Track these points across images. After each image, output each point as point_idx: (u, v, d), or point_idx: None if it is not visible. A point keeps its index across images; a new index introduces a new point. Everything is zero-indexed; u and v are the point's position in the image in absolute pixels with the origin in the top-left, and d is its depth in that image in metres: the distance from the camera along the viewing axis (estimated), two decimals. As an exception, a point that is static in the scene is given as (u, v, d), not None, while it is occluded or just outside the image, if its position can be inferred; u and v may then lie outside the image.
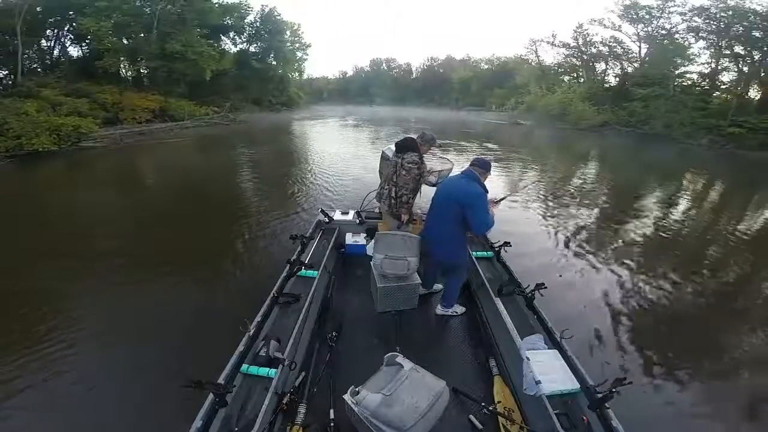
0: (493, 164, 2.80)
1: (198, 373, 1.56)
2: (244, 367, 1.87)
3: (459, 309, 2.98)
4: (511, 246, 3.16)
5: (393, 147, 3.16)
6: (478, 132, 24.29)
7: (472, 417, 1.99)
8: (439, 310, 2.96)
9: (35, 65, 22.08)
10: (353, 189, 8.38)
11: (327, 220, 3.81)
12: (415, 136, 3.15)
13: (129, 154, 14.04)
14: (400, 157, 2.97)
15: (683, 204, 8.92)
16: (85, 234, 5.81)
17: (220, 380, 1.70)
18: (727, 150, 19.07)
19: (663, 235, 6.59)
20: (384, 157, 3.52)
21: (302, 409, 1.91)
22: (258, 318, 2.16)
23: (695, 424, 2.66)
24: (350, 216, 3.96)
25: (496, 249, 3.20)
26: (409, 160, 2.92)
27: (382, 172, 3.49)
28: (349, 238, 3.83)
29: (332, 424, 1.87)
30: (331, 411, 1.93)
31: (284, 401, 1.88)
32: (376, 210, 3.86)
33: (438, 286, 3.21)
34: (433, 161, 3.40)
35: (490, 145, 17.77)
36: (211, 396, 1.60)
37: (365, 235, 3.85)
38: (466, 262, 2.95)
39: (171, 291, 4.17)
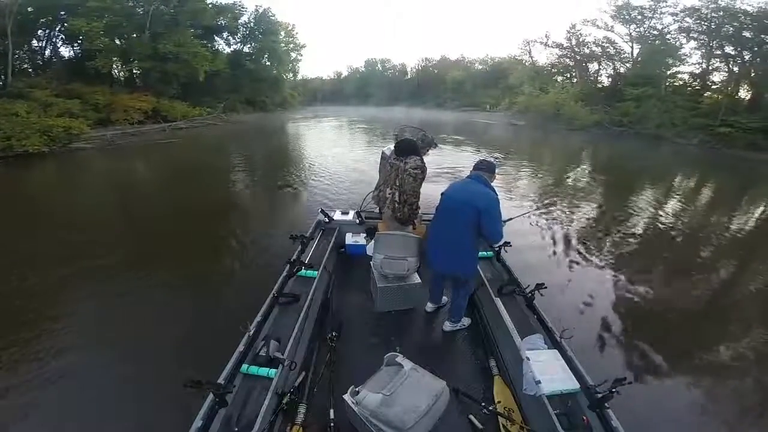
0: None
1: (198, 373, 1.56)
2: (244, 367, 1.87)
3: (466, 321, 2.80)
4: (511, 245, 3.16)
5: (392, 147, 3.14)
6: (452, 130, 24.23)
7: (472, 417, 1.99)
8: (448, 326, 2.73)
9: (26, 66, 21.80)
10: (351, 186, 8.42)
11: (327, 220, 3.80)
12: (408, 134, 3.12)
13: (120, 155, 13.91)
14: (402, 160, 2.82)
15: (677, 203, 9.00)
16: (78, 235, 5.72)
17: (220, 380, 1.70)
18: (717, 150, 19.29)
19: (660, 234, 6.65)
20: (383, 157, 3.50)
21: (302, 409, 1.90)
22: (258, 318, 2.15)
23: (695, 424, 2.68)
24: (350, 216, 3.96)
25: (496, 249, 3.19)
26: (413, 166, 2.77)
27: (381, 172, 3.46)
28: (349, 238, 3.82)
29: (332, 424, 1.86)
30: (331, 411, 1.92)
31: (284, 401, 1.87)
32: (376, 210, 3.85)
33: (445, 299, 3.00)
34: None
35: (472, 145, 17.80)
36: (211, 396, 1.60)
37: (365, 235, 3.84)
38: (477, 273, 2.80)
39: (169, 292, 4.13)
